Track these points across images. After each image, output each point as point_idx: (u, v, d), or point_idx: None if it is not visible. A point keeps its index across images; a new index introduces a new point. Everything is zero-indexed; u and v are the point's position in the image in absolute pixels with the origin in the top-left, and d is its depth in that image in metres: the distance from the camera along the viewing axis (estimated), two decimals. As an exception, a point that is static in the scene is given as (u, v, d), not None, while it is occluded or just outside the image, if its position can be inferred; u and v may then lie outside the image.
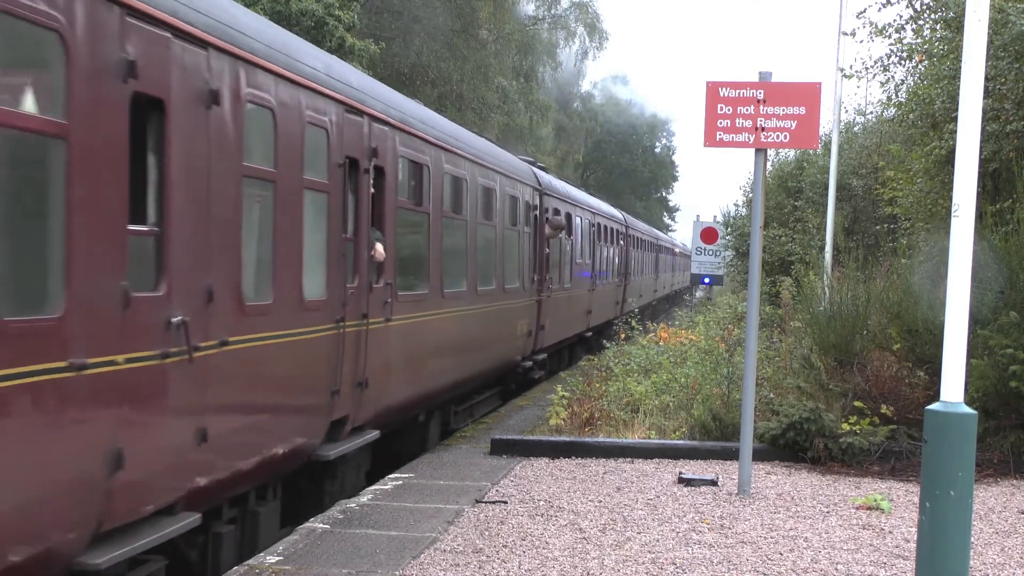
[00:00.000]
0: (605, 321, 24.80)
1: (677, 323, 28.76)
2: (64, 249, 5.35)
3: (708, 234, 34.11)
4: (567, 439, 11.86)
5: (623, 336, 20.91)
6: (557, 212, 18.78)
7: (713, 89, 9.80)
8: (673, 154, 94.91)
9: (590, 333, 23.43)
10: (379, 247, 9.78)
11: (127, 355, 5.87)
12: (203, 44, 6.65)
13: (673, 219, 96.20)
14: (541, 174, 18.68)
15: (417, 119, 11.39)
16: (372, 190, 9.69)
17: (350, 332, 9.13)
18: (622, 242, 29.63)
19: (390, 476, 10.28)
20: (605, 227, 25.91)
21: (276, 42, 7.97)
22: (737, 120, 9.76)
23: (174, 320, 6.33)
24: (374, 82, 10.80)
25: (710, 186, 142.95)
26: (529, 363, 17.32)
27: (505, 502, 9.24)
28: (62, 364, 5.30)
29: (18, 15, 4.96)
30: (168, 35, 6.25)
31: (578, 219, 21.53)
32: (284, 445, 8.09)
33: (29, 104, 5.21)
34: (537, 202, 17.44)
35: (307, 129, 8.24)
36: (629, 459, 11.34)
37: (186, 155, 6.47)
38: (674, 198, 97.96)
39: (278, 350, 7.84)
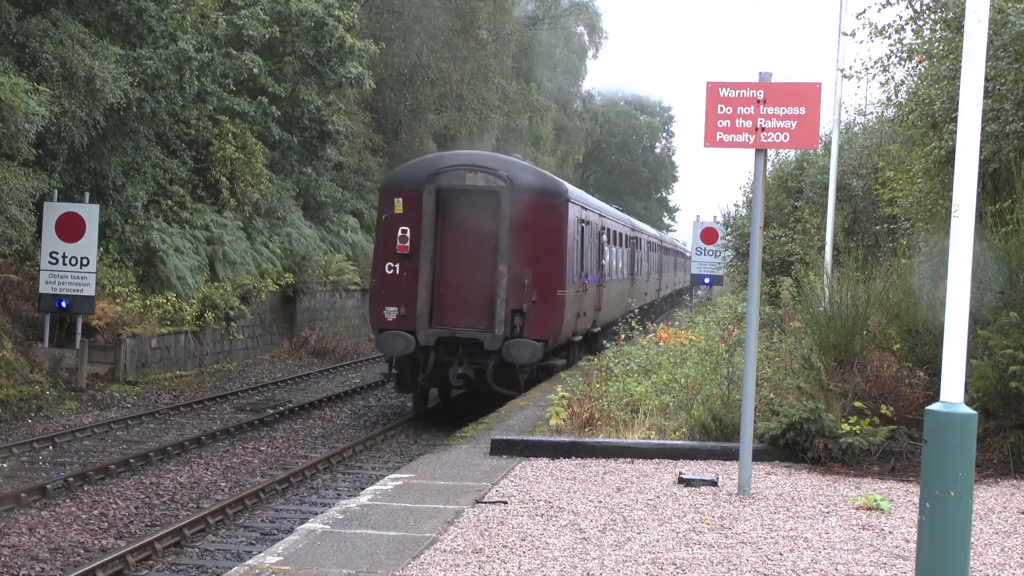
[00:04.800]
0: (650, 301, 40.03)
1: (677, 323, 28.82)
2: (586, 263, 22.44)
3: (708, 234, 34.26)
4: (567, 439, 11.86)
5: (623, 336, 20.98)
6: (635, 239, 34.77)
7: (713, 89, 9.78)
8: (673, 154, 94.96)
9: (645, 305, 37.88)
10: (604, 261, 24.23)
11: (584, 288, 21.72)
12: (601, 216, 24.76)
13: (673, 219, 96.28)
14: (632, 219, 36.77)
15: (612, 214, 28.55)
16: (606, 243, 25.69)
17: (600, 289, 23.64)
18: (658, 251, 44.50)
19: (390, 476, 10.30)
20: (651, 243, 41.38)
21: (610, 211, 28.55)
22: (737, 120, 9.74)
23: (602, 277, 24.40)
24: (606, 205, 30.79)
25: (710, 186, 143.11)
26: (629, 313, 31.33)
27: (505, 502, 9.25)
28: (577, 290, 20.64)
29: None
30: (602, 216, 24.74)
31: (643, 240, 36.70)
32: (588, 324, 22.77)
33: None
34: (631, 234, 32.59)
35: (596, 229, 24.23)
36: (629, 459, 11.34)
37: (604, 246, 24.86)
38: (674, 198, 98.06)
39: (592, 292, 22.71)
